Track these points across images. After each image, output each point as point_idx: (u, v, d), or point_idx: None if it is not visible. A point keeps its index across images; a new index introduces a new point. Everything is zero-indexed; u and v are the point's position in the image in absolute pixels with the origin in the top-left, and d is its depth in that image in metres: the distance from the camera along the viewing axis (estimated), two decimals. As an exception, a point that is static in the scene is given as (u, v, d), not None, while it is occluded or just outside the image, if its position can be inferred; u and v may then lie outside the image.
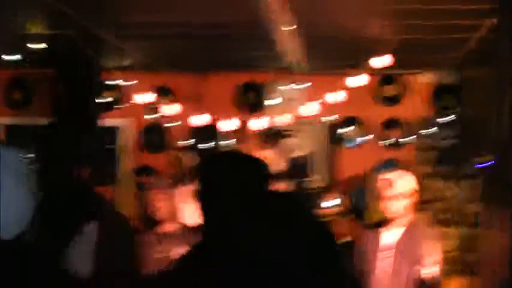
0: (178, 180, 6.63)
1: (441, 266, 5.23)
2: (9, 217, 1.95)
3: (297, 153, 8.84)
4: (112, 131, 9.04)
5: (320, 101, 7.34)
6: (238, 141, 7.92)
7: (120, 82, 8.39)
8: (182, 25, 6.27)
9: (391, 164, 8.57)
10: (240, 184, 2.60)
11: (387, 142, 8.82)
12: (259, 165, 2.70)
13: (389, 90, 8.84)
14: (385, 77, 8.73)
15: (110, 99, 8.88)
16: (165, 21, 6.14)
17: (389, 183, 5.49)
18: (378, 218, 5.58)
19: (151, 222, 5.44)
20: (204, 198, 2.68)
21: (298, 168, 8.59)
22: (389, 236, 5.36)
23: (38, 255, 2.04)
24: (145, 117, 8.75)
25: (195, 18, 6.07)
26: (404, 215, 5.37)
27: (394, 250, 5.28)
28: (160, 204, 5.37)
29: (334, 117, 8.35)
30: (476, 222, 8.10)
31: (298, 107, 8.22)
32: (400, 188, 5.42)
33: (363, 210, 7.01)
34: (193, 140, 8.71)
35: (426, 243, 5.19)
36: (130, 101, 7.95)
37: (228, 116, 7.37)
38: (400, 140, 8.80)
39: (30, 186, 2.06)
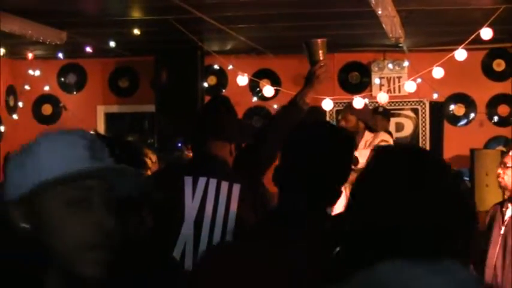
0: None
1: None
2: None
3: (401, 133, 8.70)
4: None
5: (423, 78, 7.18)
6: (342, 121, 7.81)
7: (224, 66, 8.44)
8: (284, 4, 6.23)
9: (500, 142, 8.32)
10: None
11: (496, 119, 8.54)
12: None
13: (498, 64, 8.54)
14: (493, 51, 8.45)
15: (214, 83, 8.98)
16: (266, 1, 6.11)
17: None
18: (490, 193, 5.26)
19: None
20: None
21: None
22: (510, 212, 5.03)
23: None
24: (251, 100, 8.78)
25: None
26: None
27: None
28: None
29: (439, 95, 8.15)
30: None
31: (402, 85, 8.08)
32: None
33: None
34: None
35: None
36: (234, 85, 7.97)
37: (332, 96, 7.28)
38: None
39: None
